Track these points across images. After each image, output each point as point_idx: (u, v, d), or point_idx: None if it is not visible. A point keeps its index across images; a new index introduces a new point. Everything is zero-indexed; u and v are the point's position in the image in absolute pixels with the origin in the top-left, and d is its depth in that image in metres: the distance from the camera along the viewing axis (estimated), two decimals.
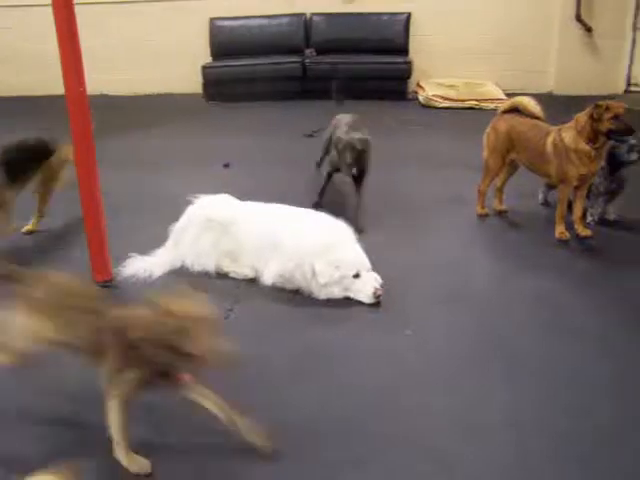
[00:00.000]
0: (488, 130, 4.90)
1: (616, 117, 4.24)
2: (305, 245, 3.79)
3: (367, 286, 3.73)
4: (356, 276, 3.75)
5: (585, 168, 4.35)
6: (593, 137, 4.30)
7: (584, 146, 4.31)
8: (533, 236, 4.60)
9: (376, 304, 3.69)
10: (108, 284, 3.95)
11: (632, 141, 4.49)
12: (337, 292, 3.78)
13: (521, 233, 4.69)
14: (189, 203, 4.26)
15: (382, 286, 3.74)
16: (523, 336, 3.36)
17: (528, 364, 3.11)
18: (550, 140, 4.47)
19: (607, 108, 4.24)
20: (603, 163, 4.56)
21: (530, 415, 2.74)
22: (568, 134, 4.38)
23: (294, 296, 3.83)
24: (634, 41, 9.33)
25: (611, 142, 4.42)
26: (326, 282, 3.73)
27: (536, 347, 3.26)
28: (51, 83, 10.30)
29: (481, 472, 2.43)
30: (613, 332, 3.38)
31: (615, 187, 4.69)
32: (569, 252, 4.35)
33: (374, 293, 3.70)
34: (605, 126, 4.24)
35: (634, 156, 4.50)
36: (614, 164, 4.57)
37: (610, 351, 3.22)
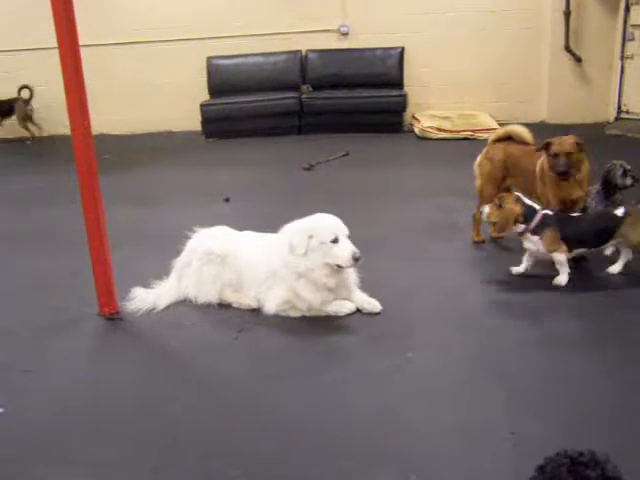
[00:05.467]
0: (480, 159, 4.99)
1: (555, 156, 4.33)
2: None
3: (344, 251, 3.79)
4: (334, 241, 3.81)
5: (563, 192, 4.43)
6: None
7: None
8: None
9: (378, 329, 3.76)
10: (115, 317, 4.03)
11: (627, 166, 4.58)
12: (318, 259, 3.82)
13: (517, 258, 4.76)
14: (189, 236, 4.36)
15: (382, 310, 3.87)
16: (519, 355, 3.42)
17: (527, 380, 3.17)
18: (538, 164, 4.59)
19: (548, 145, 4.36)
20: (599, 187, 4.67)
21: (531, 432, 2.80)
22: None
23: (298, 323, 3.90)
24: (623, 69, 9.53)
25: (606, 166, 4.54)
26: (304, 252, 3.81)
27: (534, 364, 3.32)
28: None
29: None
30: (608, 349, 3.46)
31: None
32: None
33: (353, 255, 3.76)
34: (549, 162, 4.39)
35: (628, 181, 4.59)
36: (609, 188, 4.66)
37: (605, 365, 3.30)
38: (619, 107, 9.70)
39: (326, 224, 3.87)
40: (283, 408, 3.05)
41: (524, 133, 4.88)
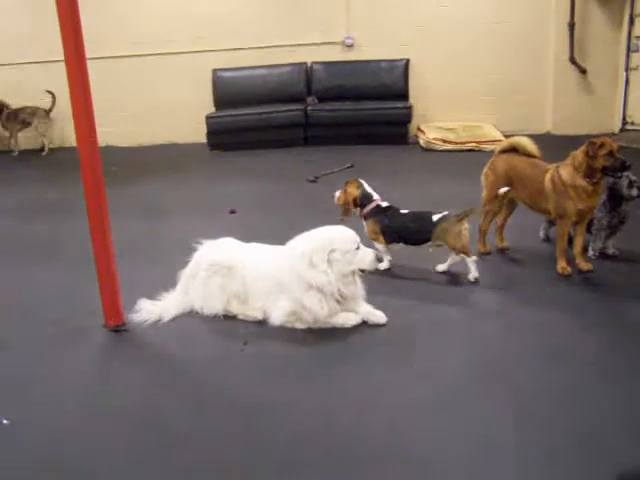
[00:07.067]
0: (486, 170, 5.00)
1: (610, 153, 4.35)
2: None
3: (367, 254, 3.95)
4: (357, 248, 3.93)
5: (583, 203, 4.44)
6: (590, 173, 4.40)
7: (581, 182, 4.41)
8: (535, 271, 4.67)
9: (384, 340, 3.76)
10: (120, 329, 4.03)
11: (632, 177, 4.58)
12: (343, 268, 3.88)
13: (523, 269, 4.76)
14: (195, 248, 4.37)
15: (387, 322, 3.91)
16: (524, 366, 3.41)
17: (534, 391, 3.16)
18: (548, 177, 4.57)
19: (601, 145, 4.34)
20: (605, 198, 4.67)
21: (536, 442, 2.78)
22: (565, 170, 4.49)
23: (304, 335, 3.90)
24: (627, 81, 9.54)
25: (611, 178, 4.53)
26: (326, 267, 3.84)
27: (537, 376, 3.31)
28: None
29: None
30: (614, 361, 3.44)
31: (617, 222, 4.77)
32: (570, 286, 4.41)
33: (376, 256, 3.96)
34: (600, 163, 4.35)
35: (634, 192, 4.58)
36: (615, 199, 4.67)
37: (611, 378, 3.28)
38: (624, 118, 9.71)
39: (345, 234, 3.94)
40: (290, 419, 3.04)
41: (528, 145, 4.88)
